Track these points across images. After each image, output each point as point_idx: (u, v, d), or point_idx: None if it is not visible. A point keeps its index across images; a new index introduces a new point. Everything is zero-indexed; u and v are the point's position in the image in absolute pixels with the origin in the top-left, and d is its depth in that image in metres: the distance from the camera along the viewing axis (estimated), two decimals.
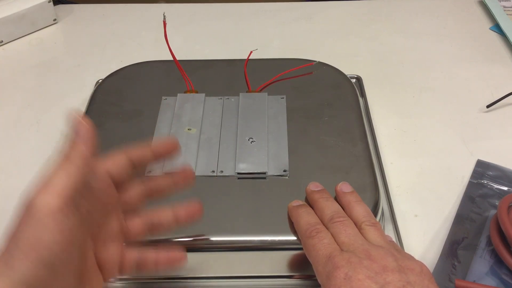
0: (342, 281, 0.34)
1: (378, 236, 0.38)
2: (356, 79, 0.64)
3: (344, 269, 0.34)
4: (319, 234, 0.38)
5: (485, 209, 0.49)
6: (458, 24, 0.77)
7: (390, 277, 0.34)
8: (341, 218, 0.40)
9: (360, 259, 0.35)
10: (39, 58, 0.72)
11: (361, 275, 0.34)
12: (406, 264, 0.35)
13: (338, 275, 0.34)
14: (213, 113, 0.53)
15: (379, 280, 0.33)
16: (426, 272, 0.35)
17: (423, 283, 0.34)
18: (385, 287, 0.33)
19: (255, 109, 0.52)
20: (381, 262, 0.35)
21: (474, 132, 0.59)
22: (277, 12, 0.81)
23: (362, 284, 0.33)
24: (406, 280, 0.34)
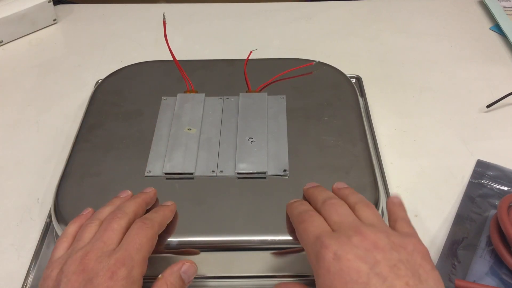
0: (331, 262, 0.33)
1: (372, 214, 0.37)
2: (356, 79, 0.64)
3: (333, 248, 0.33)
4: (311, 217, 0.37)
5: (485, 209, 0.49)
6: (458, 24, 0.77)
7: (380, 255, 0.32)
8: (333, 200, 0.38)
9: (349, 236, 0.34)
10: (39, 58, 0.72)
11: (350, 254, 0.32)
12: (398, 241, 0.34)
13: (327, 254, 0.33)
14: (213, 113, 0.53)
15: (369, 259, 0.32)
16: (420, 250, 0.34)
17: (415, 262, 0.33)
18: (375, 266, 0.32)
19: (255, 109, 0.52)
20: (372, 238, 0.33)
21: (474, 132, 0.59)
22: (277, 12, 0.81)
23: (351, 264, 0.32)
24: (398, 259, 0.32)
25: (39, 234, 0.48)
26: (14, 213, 0.51)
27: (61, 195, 0.45)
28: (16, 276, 0.45)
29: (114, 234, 0.37)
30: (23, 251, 0.47)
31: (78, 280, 0.33)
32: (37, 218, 0.50)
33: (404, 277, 0.31)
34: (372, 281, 0.31)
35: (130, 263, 0.34)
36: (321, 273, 0.33)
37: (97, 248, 0.35)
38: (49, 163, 0.56)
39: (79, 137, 0.51)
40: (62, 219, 0.43)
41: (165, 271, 0.37)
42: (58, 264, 0.36)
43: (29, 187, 0.53)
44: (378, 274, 0.31)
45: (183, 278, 0.37)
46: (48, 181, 0.53)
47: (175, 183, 0.46)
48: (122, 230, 0.37)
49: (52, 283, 0.35)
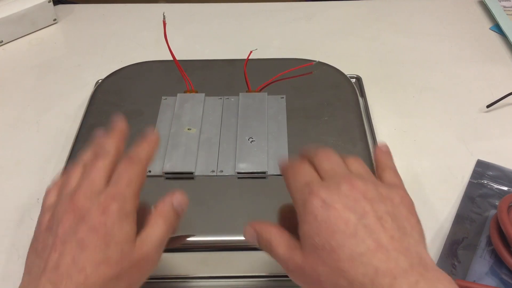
0: (319, 209, 0.32)
1: (361, 166, 0.37)
2: (356, 79, 0.64)
3: (322, 195, 0.32)
4: (301, 164, 0.36)
5: (485, 209, 0.49)
6: (458, 24, 0.77)
7: (368, 206, 0.32)
8: (326, 149, 0.37)
9: (339, 185, 0.33)
10: (39, 58, 0.72)
11: (339, 203, 0.32)
12: (386, 192, 0.34)
13: (315, 201, 0.32)
14: (213, 113, 0.53)
15: (357, 209, 0.32)
16: (406, 202, 0.34)
17: (401, 214, 0.33)
18: (363, 217, 0.32)
19: (255, 109, 0.52)
20: (361, 188, 0.33)
21: (474, 132, 0.59)
22: (277, 12, 0.81)
23: (339, 214, 0.32)
24: (385, 211, 0.32)
25: None
26: (14, 213, 0.51)
27: None
28: (16, 276, 0.45)
29: (100, 172, 0.35)
30: (23, 251, 0.47)
31: (69, 219, 0.33)
32: (37, 218, 0.50)
33: (390, 230, 0.31)
34: (360, 233, 0.31)
35: (121, 197, 0.34)
36: (307, 220, 0.33)
37: (85, 187, 0.34)
38: (49, 163, 0.56)
39: (79, 137, 0.51)
40: None
41: (157, 204, 0.36)
42: (49, 209, 0.36)
43: (29, 187, 0.53)
44: (366, 226, 0.31)
45: (176, 209, 0.37)
46: (48, 181, 0.53)
47: (175, 183, 0.46)
48: (107, 168, 0.36)
49: (44, 227, 0.35)
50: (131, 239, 0.33)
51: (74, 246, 0.32)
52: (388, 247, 0.30)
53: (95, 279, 0.31)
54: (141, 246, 0.34)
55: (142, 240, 0.34)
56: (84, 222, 0.32)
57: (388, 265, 0.30)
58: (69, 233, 0.32)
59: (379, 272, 0.29)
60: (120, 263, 0.32)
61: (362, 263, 0.30)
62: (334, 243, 0.31)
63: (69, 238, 0.32)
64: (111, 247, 0.32)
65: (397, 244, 0.31)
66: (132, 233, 0.33)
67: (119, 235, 0.33)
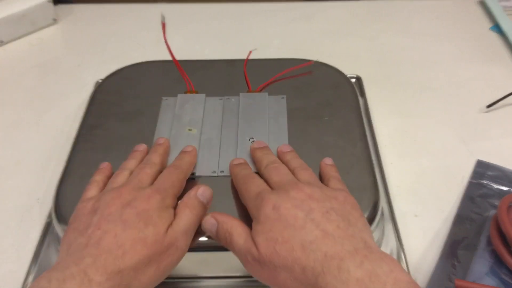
0: (271, 211, 0.36)
1: (309, 175, 0.41)
2: (356, 79, 0.64)
3: (272, 200, 0.37)
4: (253, 179, 0.41)
5: (485, 209, 0.49)
6: (458, 24, 0.77)
7: (314, 204, 0.36)
8: (276, 164, 0.43)
9: (287, 191, 0.38)
10: (39, 58, 0.72)
11: (288, 203, 0.36)
12: (331, 193, 0.38)
13: (267, 206, 0.37)
14: (214, 113, 0.53)
15: (304, 207, 0.36)
16: (350, 201, 0.38)
17: (345, 209, 0.37)
18: (310, 213, 0.35)
19: (255, 109, 0.52)
20: (307, 191, 0.37)
21: (474, 132, 0.59)
22: (277, 12, 0.81)
23: (289, 212, 0.36)
24: (330, 207, 0.36)
25: (39, 234, 0.48)
26: (14, 213, 0.51)
27: (61, 195, 0.45)
28: (16, 276, 0.45)
29: (147, 175, 0.41)
30: (23, 251, 0.47)
31: (116, 203, 0.37)
32: (37, 218, 0.50)
33: (335, 221, 0.35)
34: (308, 225, 0.35)
35: (163, 192, 0.39)
36: (261, 221, 0.36)
37: (133, 183, 0.39)
38: (49, 163, 0.56)
39: (79, 137, 0.51)
40: (62, 219, 0.43)
41: (183, 198, 0.40)
42: (91, 199, 0.39)
43: (29, 187, 0.53)
44: (313, 219, 0.35)
45: (201, 200, 0.40)
46: (48, 181, 0.53)
47: None
48: (153, 174, 0.41)
49: (88, 211, 0.38)
50: (165, 228, 0.37)
51: (118, 225, 0.35)
52: (334, 234, 0.34)
53: (131, 255, 0.34)
54: (171, 233, 0.37)
55: (171, 228, 0.37)
56: (130, 207, 0.37)
57: (335, 249, 0.33)
58: (114, 214, 0.36)
59: (328, 256, 0.33)
60: (154, 246, 0.35)
61: (312, 250, 0.33)
62: (286, 235, 0.35)
63: (114, 218, 0.36)
64: (149, 230, 0.36)
65: (342, 232, 0.34)
66: (167, 223, 0.37)
67: (157, 221, 0.36)
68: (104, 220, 0.36)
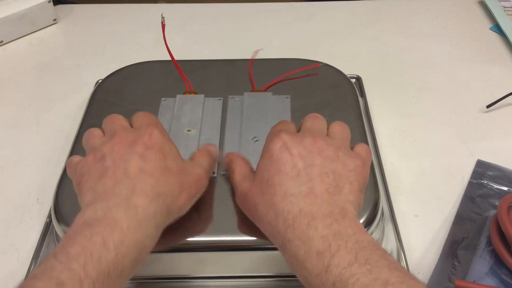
0: (277, 150, 0.36)
1: (340, 131, 0.40)
2: (356, 79, 0.64)
3: (285, 139, 0.37)
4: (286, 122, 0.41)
5: (485, 209, 0.49)
6: (458, 24, 0.77)
7: (319, 160, 0.36)
8: (318, 115, 0.41)
9: (303, 137, 0.37)
10: (39, 58, 0.72)
11: (295, 150, 0.36)
12: (344, 157, 0.37)
13: (277, 143, 0.37)
14: (212, 114, 0.53)
15: (308, 159, 0.36)
16: (358, 171, 0.36)
17: (347, 178, 0.36)
18: (309, 167, 0.35)
19: (259, 109, 0.52)
20: (321, 145, 0.37)
21: (474, 132, 0.59)
22: (277, 12, 0.81)
23: (291, 159, 0.36)
24: (332, 169, 0.35)
25: (39, 234, 0.48)
26: (14, 213, 0.51)
27: (61, 195, 0.45)
28: (16, 276, 0.45)
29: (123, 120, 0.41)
30: (23, 251, 0.47)
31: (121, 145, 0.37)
32: (37, 218, 0.50)
33: (327, 185, 0.35)
34: (300, 178, 0.35)
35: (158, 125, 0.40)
36: (264, 156, 0.37)
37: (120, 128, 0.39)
38: (49, 163, 0.56)
39: (79, 137, 0.51)
40: (62, 219, 0.43)
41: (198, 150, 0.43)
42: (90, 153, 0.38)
43: (29, 187, 0.53)
44: (308, 174, 0.35)
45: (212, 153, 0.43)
46: (48, 181, 0.53)
47: None
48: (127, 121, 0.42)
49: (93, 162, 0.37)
50: (181, 157, 0.39)
51: (137, 159, 0.36)
52: (318, 195, 0.34)
53: (164, 181, 0.35)
54: (195, 167, 0.39)
55: (194, 164, 0.40)
56: (137, 145, 0.36)
57: (311, 209, 0.33)
58: (126, 153, 0.36)
59: (302, 212, 0.33)
60: (180, 174, 0.37)
61: (290, 202, 0.34)
62: (276, 180, 0.35)
63: (129, 156, 0.36)
64: (169, 160, 0.37)
65: (327, 196, 0.34)
66: (179, 153, 0.39)
67: (170, 151, 0.38)
68: (121, 160, 0.36)
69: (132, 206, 0.33)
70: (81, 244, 0.31)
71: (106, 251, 0.31)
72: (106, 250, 0.31)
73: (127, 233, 0.32)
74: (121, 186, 0.34)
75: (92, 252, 0.30)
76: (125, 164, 0.35)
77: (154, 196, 0.35)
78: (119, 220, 0.32)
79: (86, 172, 0.37)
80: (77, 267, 0.29)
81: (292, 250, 0.33)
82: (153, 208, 0.34)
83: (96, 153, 0.37)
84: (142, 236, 0.33)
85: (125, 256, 0.32)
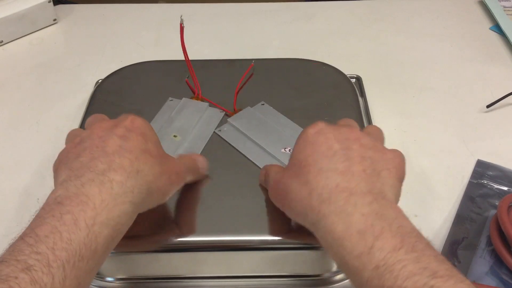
0: (312, 134, 0.35)
1: (375, 129, 0.40)
2: (356, 79, 0.64)
3: (320, 127, 0.36)
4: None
5: (485, 209, 0.49)
6: (458, 24, 0.77)
7: (356, 145, 0.34)
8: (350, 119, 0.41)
9: (340, 127, 0.37)
10: (39, 58, 0.72)
11: (331, 134, 0.35)
12: (381, 147, 0.36)
13: (313, 128, 0.36)
14: (208, 125, 0.51)
15: (344, 143, 0.34)
16: (397, 163, 0.35)
17: (386, 164, 0.34)
18: (346, 150, 0.34)
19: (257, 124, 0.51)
20: (358, 134, 0.36)
21: (474, 132, 0.59)
22: (277, 12, 0.81)
23: (327, 141, 0.35)
24: (370, 155, 0.34)
25: None
26: (14, 213, 0.51)
27: None
28: None
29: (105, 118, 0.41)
30: None
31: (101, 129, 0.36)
32: None
33: (365, 166, 0.33)
34: (337, 156, 0.33)
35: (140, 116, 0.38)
36: (298, 143, 0.36)
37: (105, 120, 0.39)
38: (49, 163, 0.55)
39: None
40: None
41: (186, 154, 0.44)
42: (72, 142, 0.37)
43: (29, 187, 0.53)
44: (345, 154, 0.34)
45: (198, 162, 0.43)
46: (48, 181, 0.53)
47: None
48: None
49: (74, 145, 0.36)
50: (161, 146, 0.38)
51: (116, 139, 0.34)
52: (355, 173, 0.33)
53: (144, 160, 0.34)
54: (176, 160, 0.39)
55: (177, 160, 0.39)
56: (118, 127, 0.36)
57: (349, 185, 0.32)
58: (106, 134, 0.35)
59: (339, 187, 0.32)
60: (160, 158, 0.36)
61: (326, 177, 0.32)
62: (311, 159, 0.34)
63: (108, 136, 0.35)
64: (150, 144, 0.36)
65: (365, 176, 0.33)
66: (160, 143, 0.38)
67: (152, 137, 0.37)
68: (99, 141, 0.35)
69: (107, 181, 0.32)
70: (50, 224, 0.30)
71: (77, 230, 0.29)
72: (77, 229, 0.29)
73: (100, 210, 0.31)
74: (98, 161, 0.33)
75: (61, 232, 0.29)
76: (103, 143, 0.34)
77: (133, 172, 0.33)
78: (92, 196, 0.31)
79: (64, 157, 0.36)
80: (45, 250, 0.28)
81: (328, 227, 0.31)
82: (131, 183, 0.33)
83: (75, 140, 0.37)
84: (117, 213, 0.32)
85: (99, 234, 0.30)
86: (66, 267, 0.28)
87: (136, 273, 0.44)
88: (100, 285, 0.44)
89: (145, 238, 0.41)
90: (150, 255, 0.42)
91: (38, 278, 0.27)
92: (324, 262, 0.43)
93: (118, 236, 0.33)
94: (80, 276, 0.29)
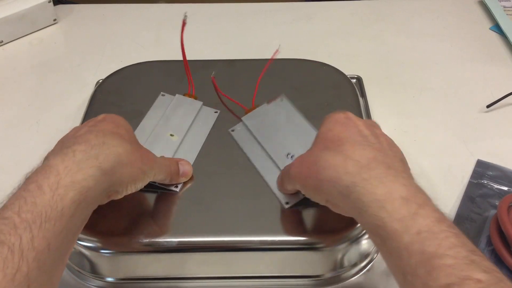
0: (341, 118, 0.38)
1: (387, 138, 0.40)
2: (356, 79, 0.64)
3: (348, 114, 0.38)
4: None
5: (485, 209, 0.49)
6: (458, 24, 0.77)
7: (383, 138, 0.37)
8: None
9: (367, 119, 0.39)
10: (39, 58, 0.72)
11: (360, 122, 0.38)
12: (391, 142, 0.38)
13: (340, 113, 0.38)
14: (203, 125, 0.51)
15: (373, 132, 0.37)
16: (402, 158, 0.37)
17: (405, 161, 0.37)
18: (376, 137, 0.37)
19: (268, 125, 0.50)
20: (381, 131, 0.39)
21: (474, 132, 0.59)
22: (277, 12, 0.81)
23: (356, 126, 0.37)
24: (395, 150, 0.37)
25: None
26: None
27: None
28: None
29: None
30: None
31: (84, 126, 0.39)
32: None
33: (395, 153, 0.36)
34: (367, 139, 0.36)
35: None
36: (325, 122, 0.38)
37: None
38: None
39: None
40: None
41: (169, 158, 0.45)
42: None
43: None
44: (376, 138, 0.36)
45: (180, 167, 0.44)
46: None
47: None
48: None
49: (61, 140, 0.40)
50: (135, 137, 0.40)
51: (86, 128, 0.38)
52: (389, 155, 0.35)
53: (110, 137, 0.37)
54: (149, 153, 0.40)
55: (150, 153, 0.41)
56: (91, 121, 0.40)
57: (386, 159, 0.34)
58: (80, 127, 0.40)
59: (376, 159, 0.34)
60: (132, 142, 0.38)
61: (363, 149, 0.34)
62: (343, 135, 0.36)
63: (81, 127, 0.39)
64: (121, 129, 0.39)
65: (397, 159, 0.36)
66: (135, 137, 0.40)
67: (125, 125, 0.40)
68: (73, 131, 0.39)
69: (70, 151, 0.35)
70: (16, 195, 0.32)
71: (41, 194, 0.31)
72: (41, 193, 0.31)
73: (64, 175, 0.33)
74: (66, 143, 0.36)
75: (26, 197, 0.31)
76: (76, 133, 0.38)
77: (98, 143, 0.36)
78: (55, 165, 0.34)
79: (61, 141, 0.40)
80: (11, 214, 0.30)
81: (367, 188, 0.32)
82: (95, 152, 0.35)
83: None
84: (82, 176, 0.33)
85: (64, 196, 0.32)
86: (32, 227, 0.30)
87: (136, 273, 0.44)
88: (100, 285, 0.44)
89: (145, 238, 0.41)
90: (150, 255, 0.42)
91: (5, 239, 0.29)
92: (325, 263, 0.43)
93: (87, 201, 0.34)
94: (49, 237, 0.30)
